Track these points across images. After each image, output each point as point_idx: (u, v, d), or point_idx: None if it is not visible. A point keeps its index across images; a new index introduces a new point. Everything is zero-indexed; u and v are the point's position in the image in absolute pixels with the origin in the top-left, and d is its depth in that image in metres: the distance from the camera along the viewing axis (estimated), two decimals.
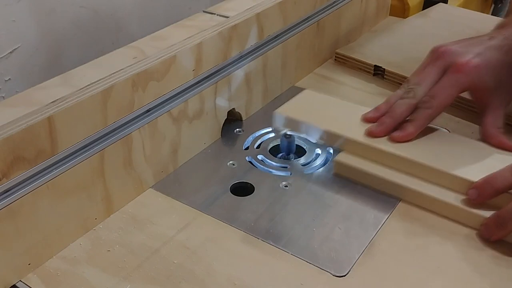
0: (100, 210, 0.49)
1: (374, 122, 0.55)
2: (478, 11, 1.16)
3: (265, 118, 0.65)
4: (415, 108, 0.53)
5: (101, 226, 0.49)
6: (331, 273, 0.44)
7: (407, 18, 0.90)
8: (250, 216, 0.50)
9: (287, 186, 0.54)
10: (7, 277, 0.43)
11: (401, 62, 0.74)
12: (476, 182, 0.48)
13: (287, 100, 0.69)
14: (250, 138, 0.62)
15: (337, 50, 0.77)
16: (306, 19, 0.70)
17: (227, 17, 0.59)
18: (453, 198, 0.49)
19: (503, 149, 0.52)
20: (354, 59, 0.76)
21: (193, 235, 0.48)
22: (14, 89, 0.67)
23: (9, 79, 0.66)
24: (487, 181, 0.47)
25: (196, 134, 0.58)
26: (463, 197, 0.49)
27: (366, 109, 0.57)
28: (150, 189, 0.54)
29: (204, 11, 0.62)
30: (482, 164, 0.50)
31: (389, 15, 0.93)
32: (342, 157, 0.54)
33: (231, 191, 0.54)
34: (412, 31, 0.83)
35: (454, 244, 0.47)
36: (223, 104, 0.60)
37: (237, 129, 0.63)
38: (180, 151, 0.56)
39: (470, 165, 0.50)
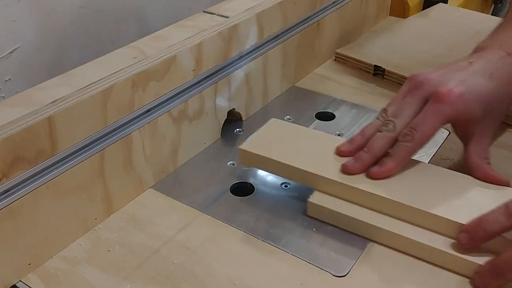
0: (100, 210, 0.49)
1: (348, 156, 0.50)
2: (478, 11, 1.16)
3: (265, 118, 0.65)
4: (394, 142, 0.49)
5: (101, 226, 0.49)
6: (331, 273, 0.44)
7: (407, 18, 0.90)
8: (250, 216, 0.50)
9: (287, 186, 0.54)
10: (7, 277, 0.43)
11: (401, 62, 0.74)
12: (467, 225, 0.43)
13: (287, 101, 0.69)
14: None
15: (337, 50, 0.77)
16: (306, 19, 0.70)
17: (227, 17, 0.59)
18: (442, 243, 0.44)
19: (489, 182, 0.48)
20: (354, 59, 0.76)
21: (193, 235, 0.48)
22: (14, 89, 0.67)
23: (9, 79, 0.66)
24: (479, 224, 0.43)
25: (196, 134, 0.58)
26: (451, 241, 0.44)
27: (339, 140, 0.52)
28: (150, 189, 0.54)
29: (204, 11, 0.62)
30: (470, 202, 0.46)
31: (389, 15, 0.93)
32: (316, 198, 0.49)
33: (231, 191, 0.54)
34: (412, 31, 0.83)
35: None
36: (223, 104, 0.60)
37: (237, 129, 0.63)
38: (180, 151, 0.56)
39: (457, 204, 0.46)
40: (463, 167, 0.51)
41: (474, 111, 0.49)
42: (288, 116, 0.65)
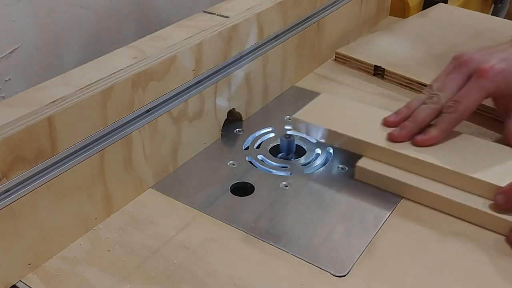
0: (100, 210, 0.49)
1: (394, 126, 0.54)
2: (478, 11, 1.16)
3: (265, 118, 0.65)
4: (438, 114, 0.53)
5: (101, 226, 0.49)
6: (331, 273, 0.44)
7: (407, 18, 0.90)
8: (250, 216, 0.50)
9: (287, 186, 0.54)
10: (7, 277, 0.43)
11: (401, 62, 0.74)
12: (503, 187, 0.47)
13: (287, 101, 0.69)
14: (250, 138, 0.62)
15: (337, 50, 0.77)
16: (306, 19, 0.70)
17: (227, 17, 0.59)
18: (480, 204, 0.48)
19: None
20: (354, 59, 0.76)
21: (193, 235, 0.48)
22: (14, 89, 0.67)
23: (9, 79, 0.66)
24: None
25: (196, 134, 0.58)
26: (490, 202, 0.48)
27: (385, 112, 0.56)
28: (150, 189, 0.54)
29: (204, 11, 0.62)
30: (508, 168, 0.49)
31: (389, 15, 0.93)
32: (364, 163, 0.53)
33: (231, 191, 0.54)
34: (412, 31, 0.83)
35: (456, 245, 0.47)
36: (223, 104, 0.60)
37: (237, 129, 0.63)
38: (180, 151, 0.56)
39: (495, 170, 0.49)
40: None
41: None
42: (287, 116, 0.65)
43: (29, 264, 0.44)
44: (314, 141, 0.60)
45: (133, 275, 0.44)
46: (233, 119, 0.64)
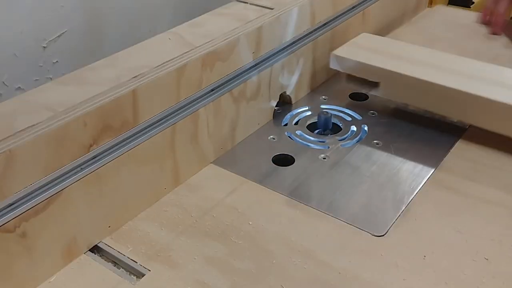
0: (169, 180, 0.52)
1: None
2: None
3: (308, 102, 0.67)
4: None
5: (168, 195, 0.52)
6: (370, 233, 0.47)
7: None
8: (292, 183, 0.53)
9: (325, 158, 0.57)
10: (90, 237, 0.46)
11: None
12: None
13: (330, 85, 0.71)
14: (288, 116, 0.64)
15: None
16: (352, 8, 0.72)
17: (261, 6, 0.61)
18: None
19: None
20: None
21: (242, 198, 0.51)
22: (61, 71, 0.69)
23: (57, 61, 0.68)
24: None
25: (252, 114, 0.60)
26: None
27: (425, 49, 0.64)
28: (211, 164, 0.56)
29: (237, 0, 0.64)
30: None
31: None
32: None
33: (273, 162, 0.56)
34: None
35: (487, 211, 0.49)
36: (277, 86, 0.63)
37: (275, 107, 0.64)
38: (238, 130, 0.59)
39: None
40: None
41: None
42: (323, 96, 0.68)
43: (109, 227, 0.47)
44: (349, 119, 0.63)
45: (190, 231, 0.47)
46: (282, 102, 0.66)
